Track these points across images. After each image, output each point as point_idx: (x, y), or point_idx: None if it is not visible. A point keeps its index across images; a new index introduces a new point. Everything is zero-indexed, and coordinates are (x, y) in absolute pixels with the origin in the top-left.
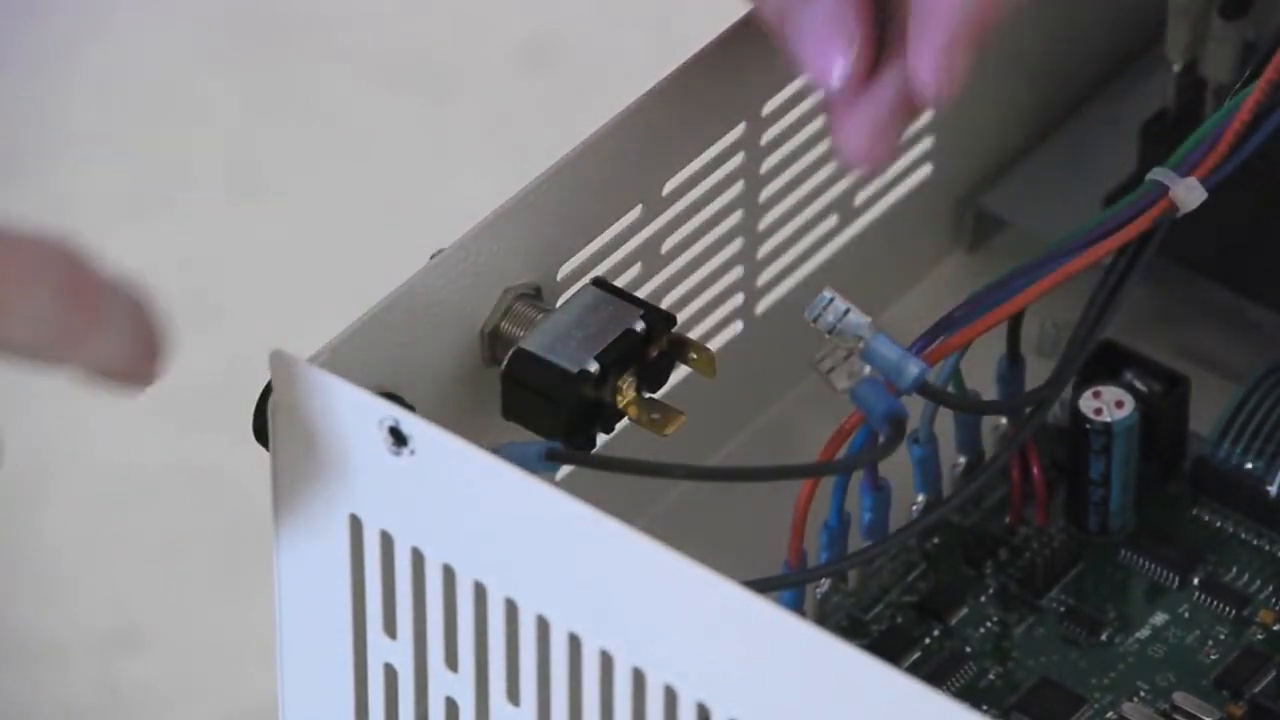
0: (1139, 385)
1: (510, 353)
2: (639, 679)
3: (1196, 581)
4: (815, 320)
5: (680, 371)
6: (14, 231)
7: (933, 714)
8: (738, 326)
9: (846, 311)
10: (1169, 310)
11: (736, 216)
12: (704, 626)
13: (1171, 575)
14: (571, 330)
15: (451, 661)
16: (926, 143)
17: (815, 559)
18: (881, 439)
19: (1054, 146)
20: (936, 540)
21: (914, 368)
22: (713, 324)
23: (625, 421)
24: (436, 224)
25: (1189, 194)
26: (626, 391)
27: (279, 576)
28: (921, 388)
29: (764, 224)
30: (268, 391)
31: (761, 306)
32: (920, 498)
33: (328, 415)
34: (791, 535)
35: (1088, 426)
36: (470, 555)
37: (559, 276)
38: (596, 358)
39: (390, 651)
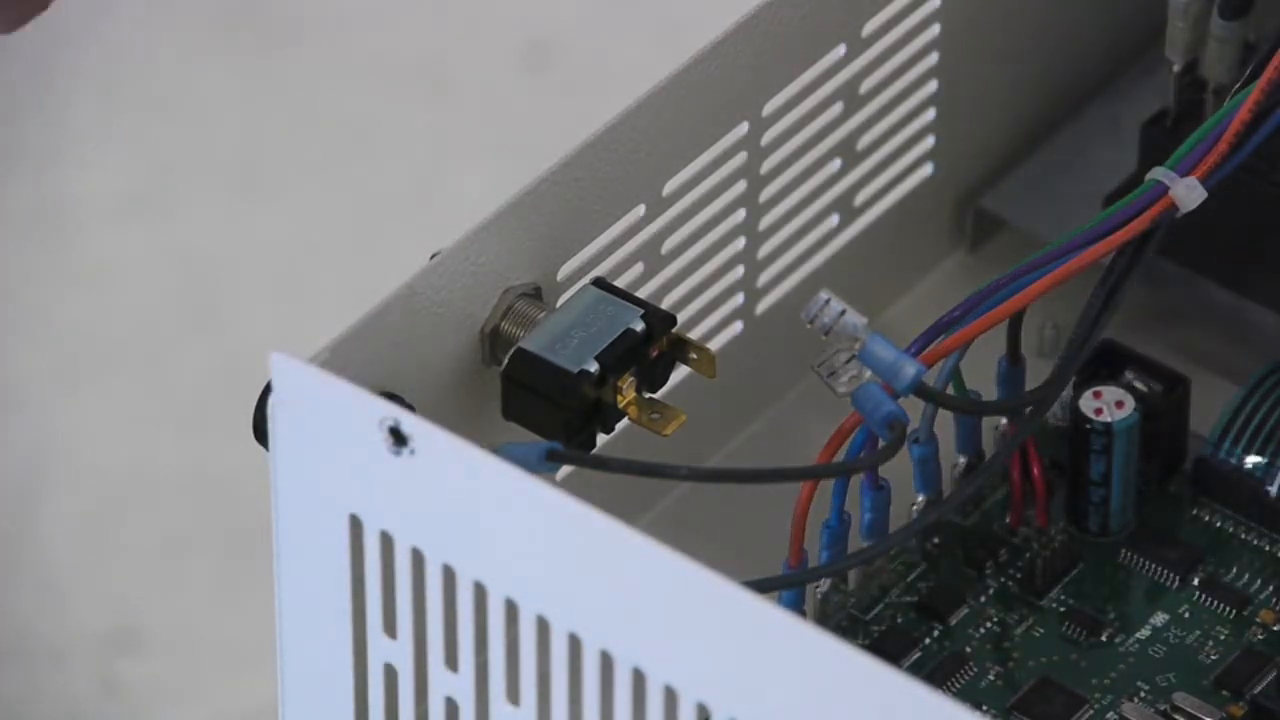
0: (1139, 385)
1: (510, 353)
2: (639, 679)
3: (1196, 581)
4: (812, 321)
5: (680, 371)
6: None
7: (933, 714)
8: (738, 326)
9: (843, 312)
10: (1169, 310)
11: (737, 216)
12: (704, 626)
13: (1171, 575)
14: (571, 330)
15: (451, 662)
16: (927, 143)
17: (815, 559)
18: (882, 443)
19: (1054, 146)
20: (936, 540)
21: (910, 369)
22: (713, 324)
23: (625, 421)
24: (436, 224)
25: (1189, 194)
26: (627, 391)
27: (279, 576)
28: (919, 389)
29: (764, 224)
30: (268, 391)
31: (762, 306)
32: (920, 498)
33: (328, 415)
34: (791, 535)
35: (1088, 426)
36: (470, 555)
37: (559, 276)
38: (596, 358)
39: (390, 651)
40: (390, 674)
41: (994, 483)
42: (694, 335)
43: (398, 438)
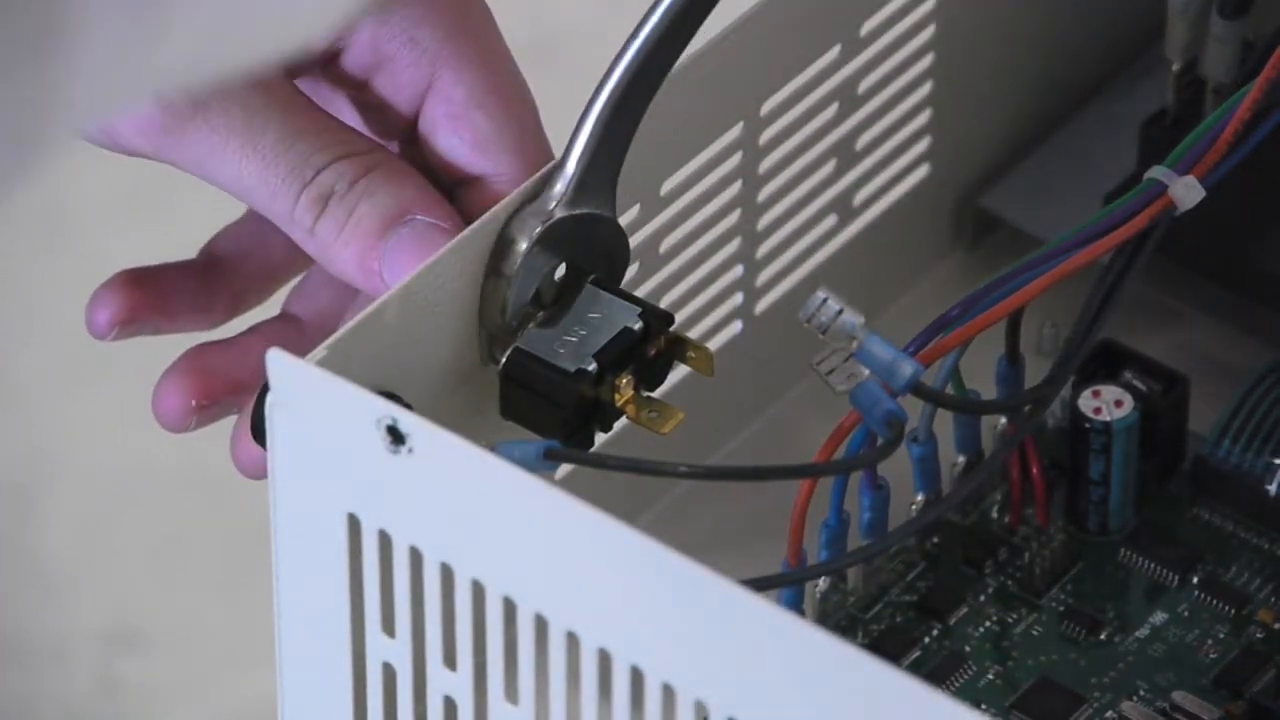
0: (1139, 385)
1: (509, 352)
2: (637, 677)
3: (1196, 581)
4: (809, 321)
5: (680, 371)
6: None
7: (933, 714)
8: (737, 326)
9: (840, 312)
10: (1169, 310)
11: (735, 216)
12: (703, 625)
13: (1171, 575)
14: (570, 330)
15: (450, 660)
16: (926, 142)
17: (815, 558)
18: (880, 441)
19: (1054, 146)
20: (936, 540)
21: (908, 368)
22: (712, 323)
23: (624, 420)
24: None
25: (1187, 192)
26: (625, 390)
27: (278, 576)
28: (917, 388)
29: (763, 224)
30: (266, 390)
31: (761, 306)
32: (920, 497)
33: (326, 414)
34: (791, 534)
35: (1087, 426)
36: (468, 554)
37: (557, 276)
38: (595, 357)
39: (389, 650)
40: (389, 673)
41: (993, 482)
42: (693, 335)
43: (396, 436)
